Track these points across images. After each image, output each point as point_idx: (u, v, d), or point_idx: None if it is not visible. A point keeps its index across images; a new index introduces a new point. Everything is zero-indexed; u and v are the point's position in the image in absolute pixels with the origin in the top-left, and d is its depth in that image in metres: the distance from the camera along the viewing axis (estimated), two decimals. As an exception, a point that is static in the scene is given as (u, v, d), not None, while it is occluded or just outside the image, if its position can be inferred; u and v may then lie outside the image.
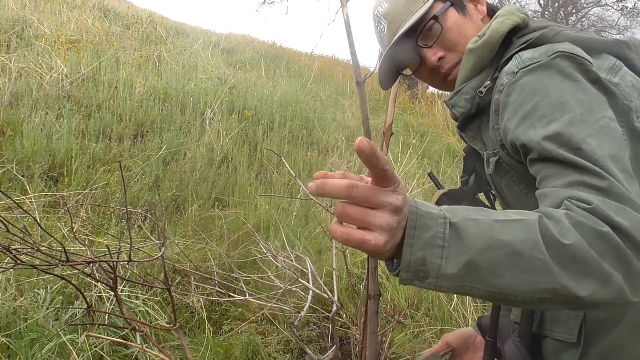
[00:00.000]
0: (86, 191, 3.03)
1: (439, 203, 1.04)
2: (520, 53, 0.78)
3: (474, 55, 0.86)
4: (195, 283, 2.64)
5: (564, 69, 0.72)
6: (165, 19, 10.07)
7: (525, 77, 0.73)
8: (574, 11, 13.90)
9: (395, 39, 0.93)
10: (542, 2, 13.40)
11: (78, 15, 6.43)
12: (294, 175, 2.86)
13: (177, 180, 3.58)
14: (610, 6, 13.82)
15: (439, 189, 1.10)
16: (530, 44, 0.79)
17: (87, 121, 3.98)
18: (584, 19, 14.44)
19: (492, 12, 0.95)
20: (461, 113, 0.87)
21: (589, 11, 14.36)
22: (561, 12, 13.33)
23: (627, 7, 13.58)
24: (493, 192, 0.99)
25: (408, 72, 1.01)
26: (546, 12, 13.14)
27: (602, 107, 0.69)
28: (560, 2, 13.08)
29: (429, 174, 1.28)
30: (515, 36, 0.85)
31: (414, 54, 0.94)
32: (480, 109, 0.85)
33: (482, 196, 1.04)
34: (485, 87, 0.83)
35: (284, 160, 2.46)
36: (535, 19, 0.92)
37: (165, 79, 5.35)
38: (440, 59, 0.92)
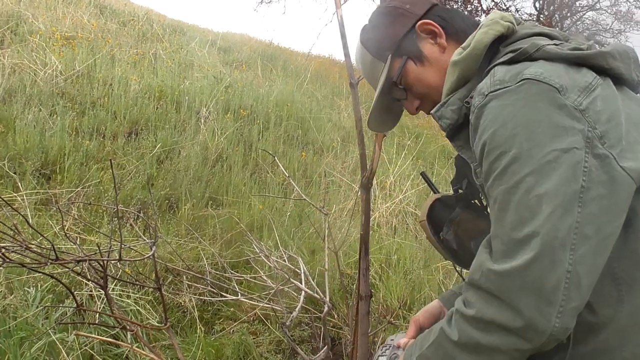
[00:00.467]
0: (78, 189, 3.02)
1: (432, 208, 1.05)
2: (495, 68, 0.79)
3: (458, 67, 0.87)
4: (187, 282, 2.63)
5: (529, 96, 0.73)
6: (162, 17, 10.04)
7: (492, 101, 0.75)
8: (568, 14, 13.98)
9: (374, 101, 1.01)
10: (537, 5, 13.45)
11: (73, 11, 6.40)
12: (288, 175, 2.86)
13: (171, 179, 3.57)
14: (604, 10, 13.93)
15: (433, 190, 1.11)
16: (511, 58, 0.80)
17: (81, 118, 3.96)
18: (578, 22, 14.53)
19: (462, 33, 0.94)
20: (448, 124, 0.88)
21: (584, 14, 14.46)
22: (556, 15, 13.40)
23: (620, 11, 13.69)
24: (483, 200, 0.99)
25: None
26: (541, 15, 13.20)
27: (557, 138, 0.70)
28: (555, 6, 13.14)
29: (421, 174, 1.27)
30: (502, 44, 0.86)
31: (396, 104, 1.03)
32: (468, 118, 0.85)
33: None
34: (471, 97, 0.83)
35: (278, 160, 2.46)
36: (527, 22, 0.92)
37: (161, 77, 5.34)
38: (417, 107, 1.00)
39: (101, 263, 1.48)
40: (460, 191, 1.03)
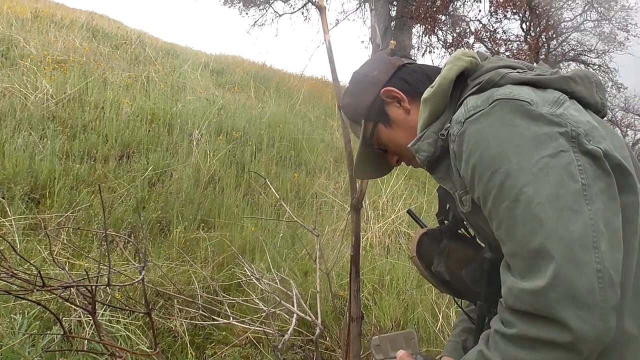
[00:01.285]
0: (68, 213, 3.00)
1: (420, 243, 1.07)
2: (467, 99, 0.83)
3: (428, 104, 0.91)
4: (178, 306, 2.60)
5: (503, 115, 0.76)
6: (156, 39, 10.14)
7: (470, 126, 0.78)
8: (554, 36, 14.28)
9: (357, 156, 1.09)
10: (524, 27, 13.75)
11: (65, 35, 6.45)
12: (279, 197, 2.86)
13: (162, 202, 3.55)
14: (589, 31, 14.26)
15: (420, 226, 1.13)
16: (479, 87, 0.84)
17: (72, 142, 3.95)
18: (564, 43, 14.84)
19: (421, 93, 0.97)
20: (425, 157, 0.91)
21: (569, 36, 14.78)
22: (542, 37, 13.68)
23: (604, 32, 14.02)
24: (469, 229, 1.01)
25: None
26: (528, 37, 13.48)
27: (542, 146, 0.72)
28: (542, 27, 13.43)
29: (408, 211, 1.30)
30: (470, 77, 0.90)
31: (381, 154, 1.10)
32: (445, 149, 0.88)
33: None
34: (445, 129, 0.87)
35: (269, 182, 2.46)
36: (494, 57, 0.96)
37: (153, 100, 5.36)
38: (397, 160, 1.07)
39: (89, 289, 1.47)
40: (445, 222, 1.05)
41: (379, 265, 3.37)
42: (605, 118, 0.91)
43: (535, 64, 0.93)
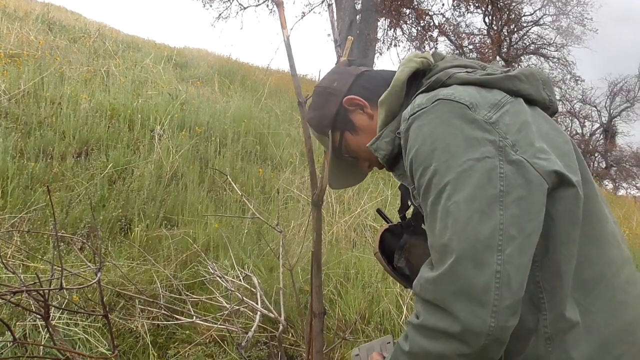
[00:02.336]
0: (22, 214, 2.89)
1: (381, 239, 1.12)
2: (416, 97, 0.87)
3: (385, 105, 0.95)
4: (139, 306, 2.55)
5: (442, 114, 0.80)
6: (116, 32, 9.85)
7: (413, 123, 0.82)
8: (515, 29, 14.65)
9: (329, 167, 1.14)
10: (486, 21, 14.04)
11: (19, 27, 6.18)
12: (242, 194, 2.84)
13: (123, 200, 3.47)
14: (548, 25, 14.71)
15: (388, 223, 1.17)
16: (428, 87, 0.88)
17: (26, 139, 3.81)
18: (525, 37, 15.25)
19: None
20: (383, 155, 0.95)
21: (529, 29, 15.19)
22: (504, 31, 14.01)
23: (562, 27, 14.49)
24: None
25: None
26: (491, 31, 13.77)
27: (471, 149, 0.76)
28: (503, 21, 13.74)
29: (377, 210, 1.33)
30: (425, 77, 0.94)
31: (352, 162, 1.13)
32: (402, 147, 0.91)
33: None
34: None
35: (231, 180, 2.43)
36: (449, 56, 0.99)
37: (113, 95, 5.21)
38: (369, 166, 1.10)
39: (41, 292, 1.42)
40: (406, 218, 1.08)
41: (344, 259, 3.40)
42: (565, 110, 0.96)
43: (487, 64, 0.97)
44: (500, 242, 0.72)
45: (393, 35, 14.13)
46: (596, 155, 23.38)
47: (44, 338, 2.08)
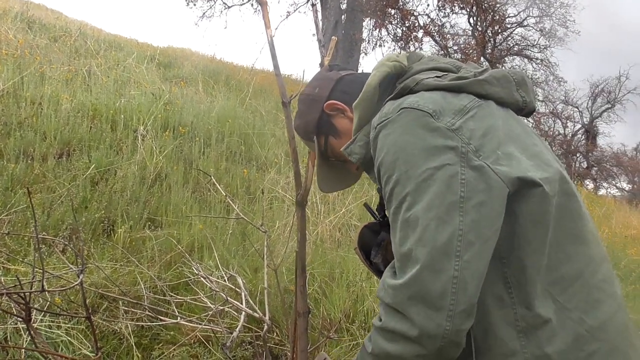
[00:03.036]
0: (2, 216, 2.85)
1: (361, 235, 1.15)
2: (386, 104, 0.89)
3: (358, 110, 0.97)
4: (123, 308, 2.53)
5: (406, 123, 0.82)
6: (98, 31, 9.74)
7: (380, 132, 0.85)
8: (499, 31, 14.82)
9: (317, 171, 1.16)
10: (471, 22, 14.18)
11: (-2, 26, 6.07)
12: (226, 194, 2.84)
13: (106, 201, 3.44)
14: (531, 27, 14.92)
15: (375, 218, 1.19)
16: (397, 93, 0.90)
17: (6, 140, 3.74)
18: (509, 38, 15.44)
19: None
20: (357, 159, 0.97)
21: (513, 31, 15.39)
22: (488, 32, 14.17)
23: (545, 28, 14.71)
24: None
25: None
26: (475, 32, 13.91)
27: (431, 158, 0.78)
28: (488, 22, 13.90)
29: (364, 205, 1.35)
30: (398, 81, 0.96)
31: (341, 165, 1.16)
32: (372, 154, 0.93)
33: None
34: None
35: (215, 181, 2.43)
36: (425, 57, 1.01)
37: (95, 95, 5.15)
38: (357, 168, 1.12)
39: (22, 295, 1.41)
40: (385, 217, 1.10)
41: (329, 259, 3.41)
42: (548, 110, 0.98)
43: (464, 64, 0.98)
44: (459, 248, 0.74)
45: (378, 36, 14.22)
46: (578, 155, 23.77)
47: (26, 341, 2.06)
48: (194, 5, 14.50)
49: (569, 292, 0.81)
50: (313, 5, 1.91)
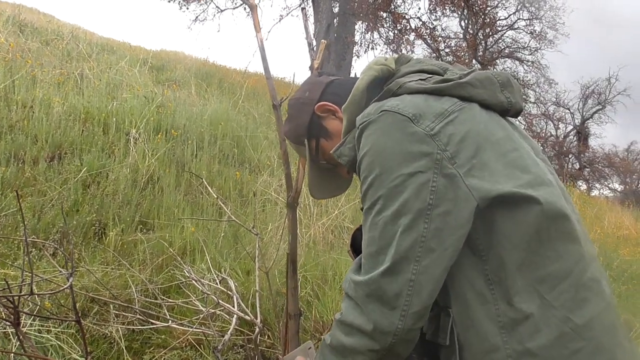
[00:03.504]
0: (-8, 219, 2.83)
1: (353, 237, 1.16)
2: (370, 105, 0.90)
3: (346, 113, 0.99)
4: (114, 311, 2.52)
5: (385, 125, 0.83)
6: (91, 34, 9.70)
7: (363, 132, 0.86)
8: (490, 33, 14.93)
9: (308, 177, 1.17)
10: (462, 25, 14.27)
11: (-11, 29, 6.04)
12: (217, 196, 2.83)
13: (97, 204, 3.42)
14: (522, 29, 15.05)
15: None
16: (380, 96, 0.92)
17: (-3, 143, 3.72)
18: (500, 40, 15.56)
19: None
20: (346, 161, 0.98)
21: (504, 33, 15.51)
22: (480, 34, 14.26)
23: (535, 31, 14.85)
24: None
25: None
26: (467, 34, 13.99)
27: (405, 163, 0.80)
28: (479, 25, 13.99)
29: (361, 209, 1.36)
30: (386, 84, 0.97)
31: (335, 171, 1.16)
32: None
33: None
34: None
35: (206, 183, 2.43)
36: (412, 60, 1.01)
37: (87, 98, 5.13)
38: (348, 171, 1.12)
39: (10, 299, 1.40)
40: None
41: (322, 261, 3.41)
42: (540, 112, 0.98)
43: (450, 66, 0.98)
44: (419, 254, 0.78)
45: (370, 39, 14.28)
46: (570, 156, 23.95)
47: (15, 346, 2.04)
48: (187, 8, 14.49)
49: (557, 290, 0.81)
50: (302, 9, 1.92)
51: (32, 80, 5.02)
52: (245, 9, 14.41)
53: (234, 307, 2.18)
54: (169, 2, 13.96)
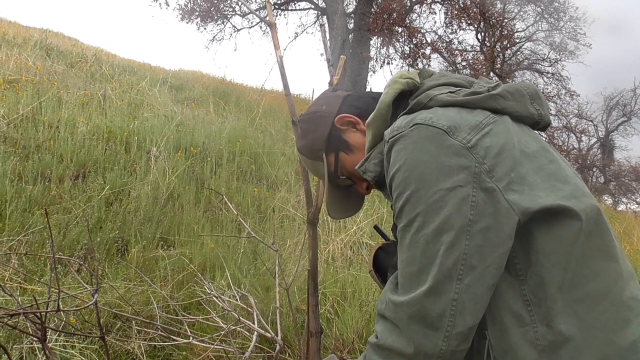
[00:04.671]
0: (20, 236, 2.91)
1: (375, 257, 1.13)
2: (398, 119, 0.87)
3: (371, 128, 0.95)
4: (136, 327, 2.55)
5: (419, 139, 0.80)
6: (113, 56, 9.98)
7: (393, 146, 0.83)
8: (508, 45, 14.84)
9: (326, 195, 1.11)
10: (479, 37, 14.24)
11: (18, 54, 6.27)
12: (237, 213, 2.87)
13: (120, 221, 3.49)
14: (541, 41, 14.92)
15: (386, 240, 1.18)
16: (410, 109, 0.88)
17: (25, 162, 3.84)
18: (518, 53, 15.45)
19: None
20: (372, 177, 0.94)
21: (522, 45, 15.41)
22: (497, 47, 14.20)
23: (555, 42, 14.68)
24: None
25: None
26: (483, 47, 13.96)
27: (443, 178, 0.77)
28: (496, 38, 13.94)
29: (374, 227, 1.34)
30: (411, 97, 0.93)
31: (352, 189, 1.11)
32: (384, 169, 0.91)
33: None
34: None
35: (226, 200, 2.47)
36: (436, 73, 0.99)
37: (110, 118, 5.27)
38: (367, 187, 1.07)
39: (38, 315, 1.44)
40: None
41: (341, 278, 3.41)
42: (562, 125, 0.95)
43: (475, 79, 0.96)
44: (461, 272, 0.75)
45: (386, 54, 14.35)
46: (594, 170, 23.43)
47: (41, 361, 2.09)
48: (205, 29, 14.82)
49: (597, 310, 0.77)
50: (321, 25, 1.95)
51: (58, 101, 5.18)
52: (261, 27, 14.68)
53: (254, 323, 2.19)
54: (187, 23, 14.29)
